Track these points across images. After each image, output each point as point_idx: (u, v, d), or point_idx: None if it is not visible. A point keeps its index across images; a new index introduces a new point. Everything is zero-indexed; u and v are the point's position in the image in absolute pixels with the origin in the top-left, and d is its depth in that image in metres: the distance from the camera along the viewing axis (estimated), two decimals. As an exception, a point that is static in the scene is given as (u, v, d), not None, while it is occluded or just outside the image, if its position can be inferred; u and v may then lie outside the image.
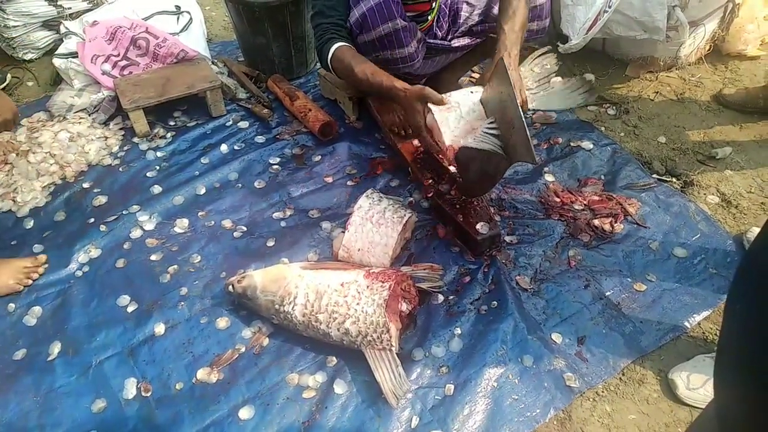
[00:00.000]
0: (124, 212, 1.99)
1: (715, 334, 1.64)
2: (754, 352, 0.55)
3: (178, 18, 2.60)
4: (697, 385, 1.47)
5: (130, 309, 1.70)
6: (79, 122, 2.33)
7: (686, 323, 1.65)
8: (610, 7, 2.22)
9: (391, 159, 2.21)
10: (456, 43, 2.04)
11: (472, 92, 1.65)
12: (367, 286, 1.52)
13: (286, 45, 2.52)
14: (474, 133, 1.58)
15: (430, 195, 1.98)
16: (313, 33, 1.91)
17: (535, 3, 1.99)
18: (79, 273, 1.82)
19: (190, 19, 2.62)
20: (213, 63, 2.61)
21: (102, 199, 2.05)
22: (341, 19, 1.83)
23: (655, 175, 2.11)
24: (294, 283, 1.56)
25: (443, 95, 1.61)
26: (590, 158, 2.18)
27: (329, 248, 1.85)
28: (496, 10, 1.99)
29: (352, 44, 1.87)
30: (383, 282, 1.52)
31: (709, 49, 2.64)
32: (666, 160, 2.19)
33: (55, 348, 1.60)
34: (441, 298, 1.72)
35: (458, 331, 1.63)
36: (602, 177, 2.11)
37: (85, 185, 2.12)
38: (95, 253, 1.87)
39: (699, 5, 2.34)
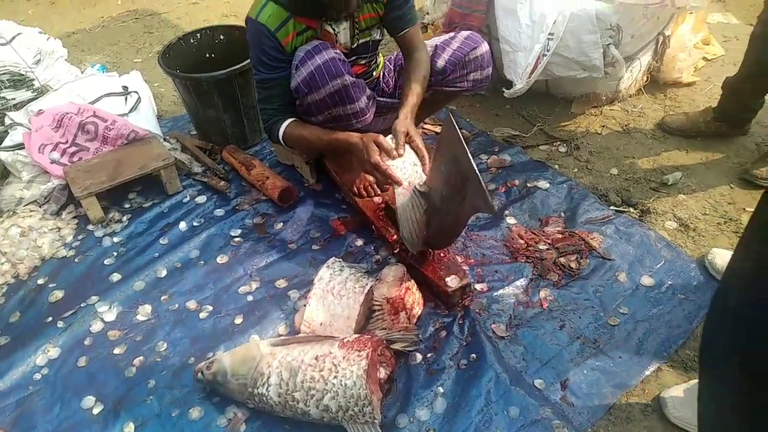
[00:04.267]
0: (82, 305, 1.92)
1: (693, 360, 1.64)
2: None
3: (126, 98, 2.59)
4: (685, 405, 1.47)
5: (95, 411, 1.61)
6: (30, 215, 2.25)
7: (664, 353, 1.66)
8: (548, 50, 2.30)
9: (354, 218, 2.20)
10: (405, 100, 2.08)
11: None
12: (344, 357, 1.47)
13: (238, 115, 2.53)
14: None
15: (396, 251, 1.96)
16: (260, 114, 2.02)
17: (476, 54, 2.05)
18: (38, 376, 1.73)
19: (138, 98, 2.61)
20: (165, 140, 2.58)
21: (58, 294, 1.98)
22: (283, 104, 1.94)
23: (612, 207, 2.15)
24: (265, 362, 1.51)
25: (394, 150, 1.76)
26: (548, 197, 2.21)
27: (300, 318, 1.81)
28: (440, 63, 2.05)
29: (298, 113, 1.95)
30: (359, 351, 1.48)
31: (646, 80, 2.75)
32: (621, 191, 2.24)
33: (18, 464, 1.50)
34: (419, 357, 1.69)
35: (440, 390, 1.60)
36: (562, 214, 2.14)
37: (40, 281, 2.04)
38: (54, 352, 1.78)
39: (632, 41, 2.45)
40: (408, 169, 1.78)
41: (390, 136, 1.80)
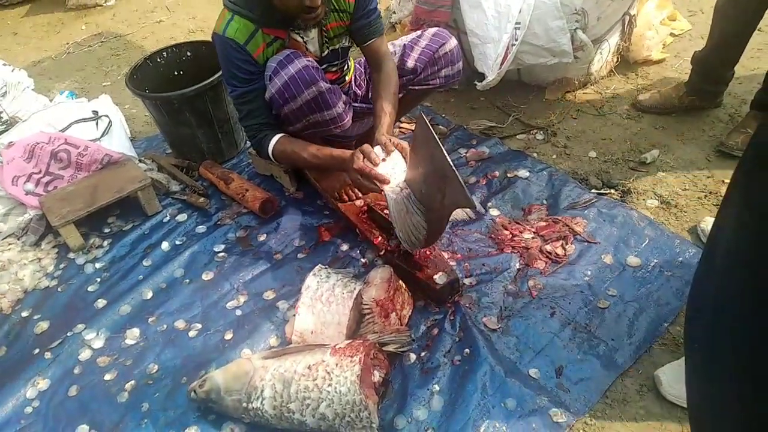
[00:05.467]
0: (68, 334, 1.89)
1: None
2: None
3: (96, 123, 2.56)
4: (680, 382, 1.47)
5: (90, 439, 1.58)
6: (9, 248, 2.22)
7: (655, 332, 1.66)
8: (516, 40, 2.31)
9: (338, 223, 2.19)
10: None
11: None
12: (336, 364, 1.46)
13: (212, 130, 2.50)
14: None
15: (382, 253, 1.96)
16: (245, 132, 1.99)
17: (445, 50, 2.05)
18: (30, 409, 1.70)
19: (110, 122, 2.58)
20: (140, 161, 2.56)
21: (44, 325, 1.95)
22: (266, 118, 1.90)
23: (593, 190, 2.16)
24: (258, 376, 1.49)
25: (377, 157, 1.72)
26: (529, 185, 2.21)
27: (290, 329, 1.79)
28: (410, 62, 2.05)
29: (279, 122, 1.92)
30: (352, 356, 1.47)
31: (617, 61, 2.77)
32: (601, 173, 2.25)
33: (15, 503, 1.47)
34: (413, 356, 1.68)
35: (436, 387, 1.59)
36: (544, 202, 2.14)
37: (24, 314, 2.01)
38: (44, 384, 1.75)
39: (598, 23, 2.46)
40: (398, 176, 1.73)
41: (377, 147, 1.76)
